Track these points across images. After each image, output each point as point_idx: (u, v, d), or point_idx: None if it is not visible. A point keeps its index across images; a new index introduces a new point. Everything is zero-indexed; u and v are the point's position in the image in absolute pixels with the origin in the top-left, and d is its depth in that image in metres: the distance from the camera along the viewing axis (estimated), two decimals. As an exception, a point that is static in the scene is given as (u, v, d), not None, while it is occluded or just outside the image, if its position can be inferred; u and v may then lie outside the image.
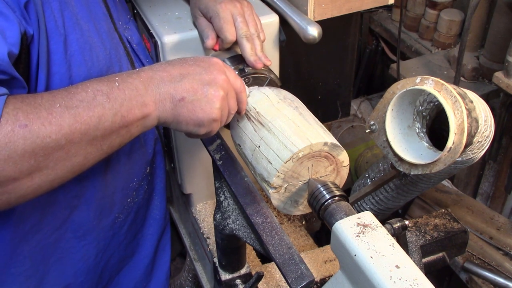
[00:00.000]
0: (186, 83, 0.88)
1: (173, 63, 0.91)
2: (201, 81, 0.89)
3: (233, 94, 0.94)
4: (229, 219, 1.01)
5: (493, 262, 1.40)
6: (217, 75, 0.90)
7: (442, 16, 2.34)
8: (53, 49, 0.89)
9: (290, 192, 0.92)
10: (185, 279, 1.79)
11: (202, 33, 1.14)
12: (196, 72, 0.89)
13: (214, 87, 0.89)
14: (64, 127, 0.76)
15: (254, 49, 1.09)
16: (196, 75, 0.89)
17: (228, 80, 0.92)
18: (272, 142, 0.91)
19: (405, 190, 1.22)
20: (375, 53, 2.86)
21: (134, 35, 1.20)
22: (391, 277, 0.70)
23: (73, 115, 0.77)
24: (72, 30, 0.92)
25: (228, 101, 0.93)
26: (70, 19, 0.92)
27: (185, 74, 0.89)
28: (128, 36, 1.17)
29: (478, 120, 0.92)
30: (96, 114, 0.79)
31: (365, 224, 0.78)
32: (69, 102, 0.77)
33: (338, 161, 0.92)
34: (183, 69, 0.89)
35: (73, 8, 0.93)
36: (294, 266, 0.81)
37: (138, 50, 1.19)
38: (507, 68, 1.78)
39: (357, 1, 1.32)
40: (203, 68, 0.90)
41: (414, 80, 0.93)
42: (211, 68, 0.91)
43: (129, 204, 1.20)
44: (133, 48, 1.18)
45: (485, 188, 2.25)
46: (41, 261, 1.07)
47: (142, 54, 1.20)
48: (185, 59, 0.93)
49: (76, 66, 0.93)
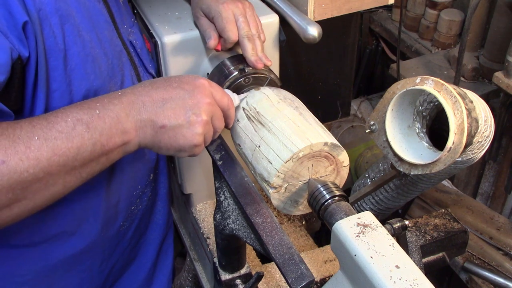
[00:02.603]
0: (168, 109, 0.86)
1: (156, 85, 0.89)
2: (183, 107, 0.87)
3: (219, 114, 0.93)
4: (229, 219, 1.01)
5: (493, 262, 1.40)
6: (201, 99, 0.89)
7: (442, 16, 2.34)
8: (52, 66, 0.88)
9: (290, 192, 0.92)
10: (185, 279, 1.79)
11: (204, 33, 1.13)
12: (179, 97, 0.88)
13: (197, 113, 0.88)
14: (42, 161, 0.76)
15: (255, 50, 1.08)
16: (179, 99, 0.87)
17: (213, 103, 0.91)
18: (272, 142, 0.91)
19: (405, 190, 1.22)
20: (375, 53, 2.86)
21: (138, 39, 1.19)
22: (391, 277, 0.70)
23: (52, 147, 0.77)
24: (72, 44, 0.91)
25: (213, 123, 0.92)
26: (71, 32, 0.91)
27: (167, 99, 0.87)
28: (133, 40, 1.16)
29: (478, 120, 0.92)
30: (75, 145, 0.79)
31: (365, 224, 0.78)
32: (48, 134, 0.77)
33: (338, 161, 0.92)
34: (166, 93, 0.87)
35: (75, 20, 0.92)
36: (294, 266, 0.81)
37: (142, 54, 1.18)
38: (507, 68, 1.78)
39: (357, 1, 1.32)
40: (187, 92, 0.88)
41: (414, 80, 0.93)
42: (196, 92, 0.89)
43: (133, 211, 1.20)
44: (137, 53, 1.17)
45: (485, 188, 2.25)
46: (46, 272, 1.07)
47: (145, 59, 1.20)
48: (169, 80, 0.91)
49: (77, 80, 0.93)
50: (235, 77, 1.08)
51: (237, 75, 1.08)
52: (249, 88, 1.08)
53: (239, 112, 1.02)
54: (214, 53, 1.18)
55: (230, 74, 1.09)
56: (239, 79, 1.08)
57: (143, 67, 1.18)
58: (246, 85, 1.08)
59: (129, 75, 1.09)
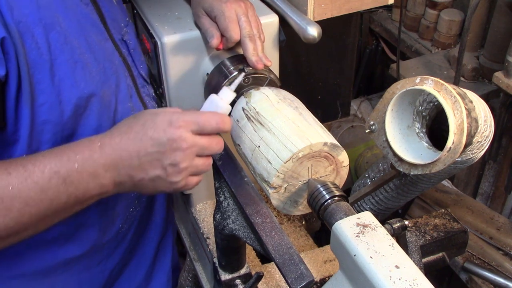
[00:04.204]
0: (145, 163, 0.84)
1: (133, 133, 0.85)
2: (160, 159, 0.84)
3: (204, 151, 0.88)
4: (229, 219, 1.01)
5: (493, 262, 1.40)
6: (178, 147, 0.84)
7: (442, 16, 2.34)
8: (37, 80, 0.86)
9: (289, 192, 0.92)
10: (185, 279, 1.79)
11: (206, 32, 1.12)
12: (155, 150, 0.84)
13: (174, 163, 0.85)
14: (13, 211, 0.76)
15: (256, 50, 1.08)
16: (155, 153, 0.84)
17: (193, 144, 0.86)
18: (272, 142, 0.90)
19: (405, 190, 1.22)
20: (375, 53, 2.85)
21: (132, 39, 1.17)
22: (391, 277, 0.70)
23: (25, 199, 0.77)
24: (60, 52, 0.89)
25: (197, 163, 0.88)
26: (57, 40, 0.88)
27: (144, 152, 0.84)
28: (127, 40, 1.14)
29: (477, 120, 0.92)
30: (49, 197, 0.79)
31: (364, 224, 0.78)
32: (23, 184, 0.77)
33: (338, 161, 0.92)
34: (142, 145, 0.84)
35: (61, 26, 0.89)
36: (294, 266, 0.81)
37: (134, 55, 1.16)
38: (507, 68, 1.78)
39: (357, 1, 1.32)
40: (162, 142, 0.84)
41: (413, 80, 0.93)
42: (172, 140, 0.84)
43: (131, 213, 1.19)
44: (130, 53, 1.14)
45: (485, 188, 2.25)
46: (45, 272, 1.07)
47: (137, 60, 1.18)
48: (145, 125, 0.85)
49: (66, 90, 0.91)
50: (235, 77, 1.08)
51: (237, 75, 1.08)
52: (248, 88, 1.08)
53: (239, 112, 1.02)
54: (214, 53, 1.18)
55: (230, 74, 1.09)
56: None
57: (135, 67, 1.17)
58: (246, 85, 1.08)
59: (123, 76, 1.08)
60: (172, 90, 1.20)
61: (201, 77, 1.19)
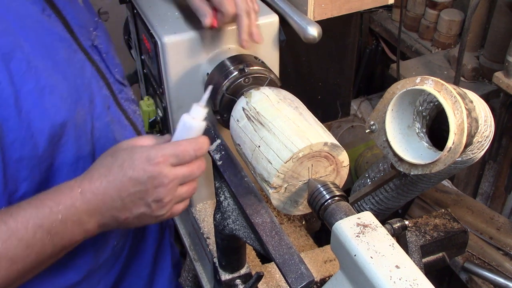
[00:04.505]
0: (128, 203, 0.84)
1: (112, 175, 0.83)
2: (143, 198, 0.84)
3: (186, 179, 0.88)
4: (229, 219, 1.01)
5: (493, 262, 1.40)
6: (160, 183, 0.84)
7: (442, 16, 2.34)
8: (3, 117, 0.82)
9: (290, 192, 0.92)
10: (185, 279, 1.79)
11: (197, 11, 1.05)
12: (136, 189, 0.83)
13: (158, 199, 0.85)
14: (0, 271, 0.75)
15: (250, 26, 1.03)
16: (136, 192, 0.84)
17: (175, 176, 0.85)
18: (272, 142, 0.90)
19: (405, 190, 1.22)
20: (375, 53, 2.85)
21: (103, 42, 1.09)
22: (391, 277, 0.70)
23: (11, 257, 0.76)
24: (23, 82, 0.83)
25: (181, 192, 0.88)
26: (19, 68, 0.83)
27: (125, 193, 0.83)
28: (98, 45, 1.06)
29: (478, 120, 0.92)
30: (35, 251, 0.78)
31: (365, 224, 0.78)
32: (7, 243, 0.75)
33: (338, 161, 0.92)
34: (123, 186, 0.83)
35: (23, 51, 0.84)
36: (294, 266, 0.81)
37: (107, 60, 1.09)
38: (507, 68, 1.78)
39: (357, 1, 1.32)
40: (143, 181, 0.83)
41: (414, 80, 0.93)
42: (152, 177, 0.83)
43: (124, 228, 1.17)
44: (102, 58, 1.07)
45: (485, 188, 2.25)
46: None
47: (112, 64, 1.11)
48: (122, 165, 0.84)
49: (37, 121, 0.86)
50: (235, 77, 1.08)
51: (237, 75, 1.08)
52: (249, 88, 1.08)
53: (239, 112, 1.02)
54: (214, 53, 1.17)
55: (230, 74, 1.08)
56: (239, 79, 1.08)
57: (110, 74, 1.10)
58: (246, 85, 1.08)
59: (97, 88, 1.02)
60: (172, 90, 1.20)
61: (201, 77, 1.19)
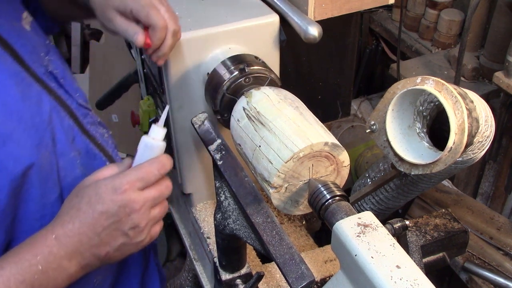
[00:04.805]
0: (105, 237, 0.83)
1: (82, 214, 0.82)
2: (118, 228, 0.84)
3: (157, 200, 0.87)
4: (229, 219, 1.01)
5: (493, 262, 1.40)
6: (132, 210, 0.83)
7: (442, 16, 2.34)
8: None
9: (290, 192, 0.92)
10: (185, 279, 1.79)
11: (126, 32, 1.00)
12: (109, 222, 0.83)
13: (134, 226, 0.84)
14: None
15: (171, 48, 1.02)
16: (111, 224, 0.83)
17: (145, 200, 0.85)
18: (273, 141, 0.90)
19: (406, 190, 1.22)
20: (375, 53, 2.86)
21: (58, 66, 1.03)
22: (392, 277, 0.70)
23: None
24: None
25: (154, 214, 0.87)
26: None
27: (100, 231, 0.83)
28: (53, 70, 1.00)
29: (478, 120, 0.92)
30: None
31: (365, 224, 0.78)
32: None
33: (339, 161, 0.92)
34: (96, 222, 0.82)
35: None
36: (294, 266, 0.81)
37: (65, 85, 1.03)
38: (507, 68, 1.78)
39: (357, 1, 1.32)
40: (114, 213, 0.83)
41: (414, 80, 0.93)
42: (122, 206, 0.83)
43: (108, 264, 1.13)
44: (60, 84, 1.01)
45: (485, 188, 2.25)
46: None
47: (71, 88, 1.04)
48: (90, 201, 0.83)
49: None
50: (235, 77, 1.08)
51: (238, 75, 1.08)
52: (249, 88, 1.08)
53: (240, 112, 1.02)
54: (214, 52, 1.17)
55: (230, 74, 1.08)
56: (239, 79, 1.08)
57: (72, 99, 1.03)
58: (246, 85, 1.08)
59: (58, 119, 0.95)
60: (172, 90, 1.20)
61: (201, 77, 1.19)
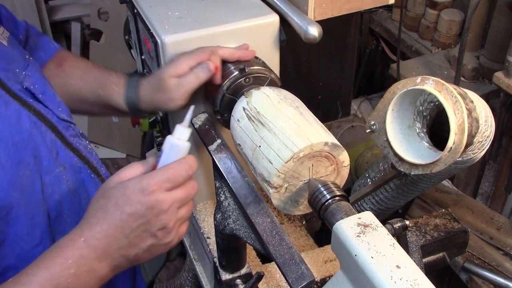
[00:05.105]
0: (134, 239, 0.83)
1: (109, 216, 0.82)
2: (147, 230, 0.83)
3: (184, 201, 0.87)
4: (229, 219, 1.01)
5: (493, 262, 1.39)
6: (159, 210, 0.83)
7: (442, 16, 2.34)
8: None
9: (290, 192, 0.92)
10: (185, 279, 1.79)
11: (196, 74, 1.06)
12: (137, 223, 0.82)
13: (162, 227, 0.83)
14: None
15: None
16: (139, 226, 0.82)
17: (172, 199, 0.84)
18: (273, 141, 0.90)
19: (405, 190, 1.22)
20: (375, 53, 2.86)
21: (37, 81, 1.02)
22: (392, 277, 0.70)
23: None
24: None
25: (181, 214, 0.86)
26: None
27: (129, 232, 0.82)
28: (30, 86, 0.99)
29: (478, 120, 0.92)
30: None
31: (365, 224, 0.78)
32: None
33: (339, 161, 0.92)
34: (123, 224, 0.82)
35: None
36: (294, 266, 0.81)
37: (45, 100, 1.01)
38: (507, 68, 1.78)
39: (357, 1, 1.32)
40: (141, 213, 0.82)
41: (414, 80, 0.93)
42: (149, 206, 0.82)
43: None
44: (39, 100, 1.00)
45: (485, 188, 2.25)
46: None
47: (52, 103, 1.03)
48: (117, 203, 0.82)
49: None
50: (235, 77, 1.08)
51: (238, 75, 1.08)
52: (249, 88, 1.08)
53: (240, 112, 1.02)
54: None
55: (231, 74, 1.08)
56: (239, 79, 1.08)
57: (52, 114, 1.02)
58: (246, 85, 1.08)
59: (39, 135, 0.96)
60: (173, 89, 1.20)
61: (202, 77, 1.18)
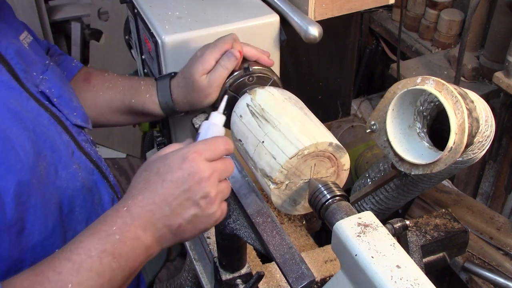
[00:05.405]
0: (177, 207, 0.82)
1: (151, 185, 0.82)
2: (189, 197, 0.82)
3: (223, 174, 0.86)
4: (229, 219, 1.01)
5: (493, 262, 1.39)
6: (201, 178, 0.82)
7: (442, 16, 2.34)
8: None
9: (290, 190, 0.92)
10: (185, 279, 1.79)
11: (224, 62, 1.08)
12: (179, 190, 0.81)
13: (204, 195, 0.82)
14: None
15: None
16: (181, 193, 0.81)
17: (213, 169, 0.83)
18: (278, 138, 0.91)
19: (406, 190, 1.22)
20: (375, 53, 2.86)
21: (54, 86, 1.04)
22: (392, 277, 0.70)
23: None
24: None
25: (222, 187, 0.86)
26: None
27: (170, 198, 0.81)
28: (46, 90, 1.01)
29: (478, 120, 0.92)
30: (107, 279, 0.76)
31: (366, 224, 0.78)
32: (79, 277, 0.73)
33: (340, 164, 0.92)
34: (166, 191, 0.81)
35: None
36: (294, 266, 0.81)
37: (60, 104, 1.04)
38: (507, 68, 1.78)
39: (357, 1, 1.32)
40: (184, 180, 0.81)
41: (415, 80, 0.94)
42: (191, 174, 0.82)
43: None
44: (53, 104, 1.02)
45: (485, 188, 2.25)
46: None
47: (66, 107, 1.05)
48: (159, 172, 0.82)
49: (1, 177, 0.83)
50: (239, 74, 1.08)
51: (241, 73, 1.08)
52: (252, 87, 1.08)
53: (243, 108, 1.02)
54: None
55: (234, 72, 1.09)
56: (243, 77, 1.08)
57: (65, 118, 1.04)
58: (249, 84, 1.08)
59: (56, 133, 0.97)
60: (173, 89, 1.20)
61: (202, 77, 1.19)
